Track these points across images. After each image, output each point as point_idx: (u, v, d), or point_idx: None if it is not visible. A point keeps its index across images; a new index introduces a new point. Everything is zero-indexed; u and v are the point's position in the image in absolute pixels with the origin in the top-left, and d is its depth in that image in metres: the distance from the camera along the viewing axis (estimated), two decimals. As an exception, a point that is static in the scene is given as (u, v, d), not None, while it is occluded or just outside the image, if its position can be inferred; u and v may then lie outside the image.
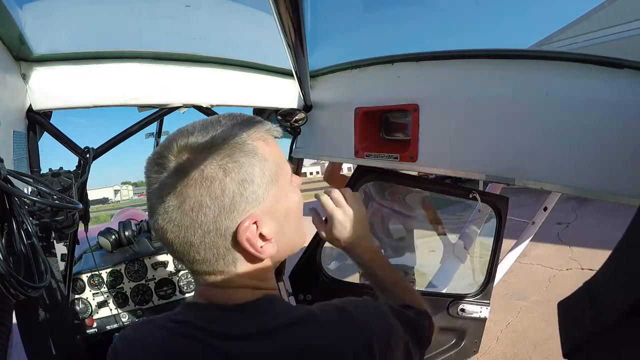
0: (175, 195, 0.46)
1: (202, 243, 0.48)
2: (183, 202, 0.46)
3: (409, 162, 1.16)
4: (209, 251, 0.49)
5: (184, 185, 0.46)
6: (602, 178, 0.76)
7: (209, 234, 0.47)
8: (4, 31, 0.83)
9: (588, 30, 0.90)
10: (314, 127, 1.51)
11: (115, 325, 1.48)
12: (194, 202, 0.46)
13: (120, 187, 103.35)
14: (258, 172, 0.49)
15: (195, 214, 0.46)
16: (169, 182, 0.47)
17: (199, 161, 0.46)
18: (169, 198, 0.47)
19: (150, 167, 0.50)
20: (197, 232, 0.47)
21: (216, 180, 0.46)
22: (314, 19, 1.08)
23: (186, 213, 0.46)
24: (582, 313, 0.39)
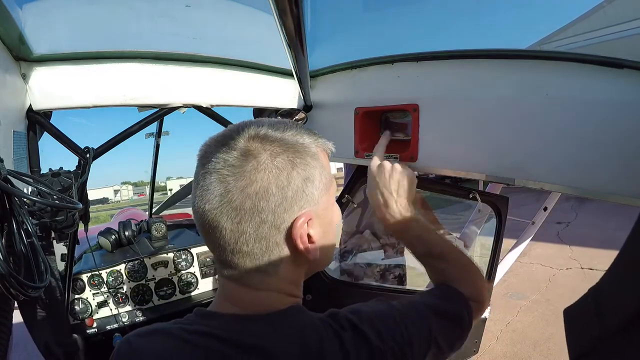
0: (243, 176, 0.46)
1: (255, 232, 0.47)
2: (249, 185, 0.46)
3: (409, 162, 1.16)
4: (258, 243, 0.48)
5: (254, 169, 0.46)
6: (602, 178, 0.76)
7: (265, 223, 0.47)
8: (4, 31, 0.83)
9: (588, 30, 0.90)
10: (314, 127, 1.51)
11: (115, 325, 1.48)
12: (259, 186, 0.46)
13: (120, 187, 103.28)
14: (318, 175, 0.51)
15: (258, 199, 0.46)
16: (237, 162, 0.46)
17: (271, 150, 0.48)
18: (233, 179, 0.46)
19: (214, 146, 0.50)
20: (254, 220, 0.47)
21: (284, 171, 0.47)
22: (314, 19, 1.08)
23: (249, 196, 0.46)
24: (587, 319, 0.39)
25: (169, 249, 1.66)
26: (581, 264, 4.96)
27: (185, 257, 1.69)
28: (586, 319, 0.39)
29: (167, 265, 1.65)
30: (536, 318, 3.79)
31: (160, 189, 68.15)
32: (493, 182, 1.94)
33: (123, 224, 1.70)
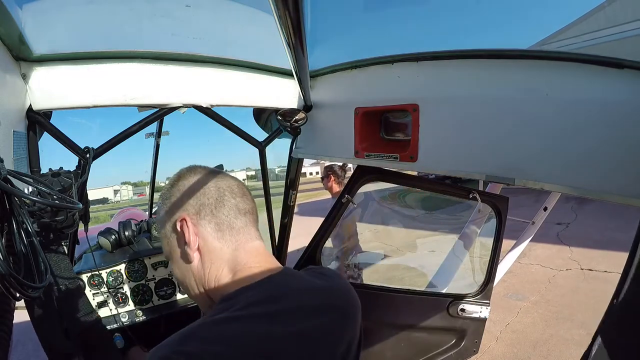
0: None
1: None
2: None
3: (409, 162, 1.16)
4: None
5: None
6: (602, 178, 0.76)
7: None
8: (4, 31, 0.83)
9: (588, 31, 0.89)
10: (314, 127, 1.51)
11: (115, 325, 1.48)
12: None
13: (120, 187, 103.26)
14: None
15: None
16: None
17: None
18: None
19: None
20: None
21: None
22: (314, 19, 1.08)
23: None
24: (629, 329, 0.37)
25: None
26: (581, 264, 4.96)
27: (185, 257, 1.69)
28: (626, 330, 0.37)
29: (167, 265, 1.65)
30: (536, 319, 3.79)
31: (160, 189, 67.94)
32: (493, 182, 1.94)
33: (123, 224, 1.70)
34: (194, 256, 0.69)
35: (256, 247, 0.72)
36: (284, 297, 0.62)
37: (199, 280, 0.70)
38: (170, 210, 0.72)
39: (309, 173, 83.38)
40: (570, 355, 3.04)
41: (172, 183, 0.76)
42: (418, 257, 6.04)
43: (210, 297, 0.70)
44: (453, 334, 1.91)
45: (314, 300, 0.65)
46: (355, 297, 0.73)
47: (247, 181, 42.29)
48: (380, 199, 9.35)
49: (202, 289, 0.70)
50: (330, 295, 0.68)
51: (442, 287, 2.29)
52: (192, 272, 0.70)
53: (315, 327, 0.61)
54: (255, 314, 0.57)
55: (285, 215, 1.83)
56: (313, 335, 0.60)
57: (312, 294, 0.66)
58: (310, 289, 0.67)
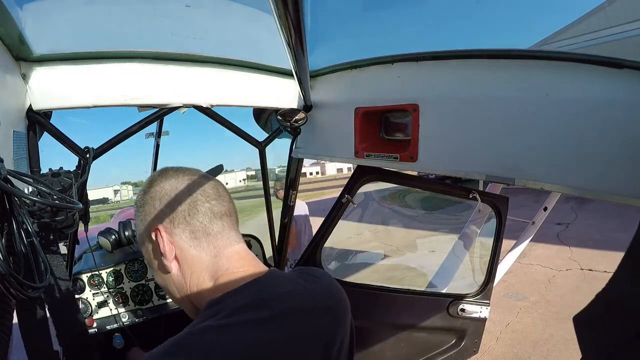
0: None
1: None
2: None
3: (409, 162, 1.16)
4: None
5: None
6: (602, 178, 0.76)
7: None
8: (4, 31, 0.83)
9: (588, 31, 0.89)
10: (314, 127, 1.51)
11: (115, 325, 1.48)
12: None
13: (120, 187, 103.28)
14: None
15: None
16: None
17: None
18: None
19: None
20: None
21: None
22: (314, 19, 1.08)
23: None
24: (601, 326, 0.38)
25: None
26: (581, 265, 4.96)
27: (185, 257, 1.69)
28: (598, 326, 0.39)
29: None
30: (536, 319, 3.79)
31: (160, 189, 67.74)
32: (493, 182, 1.94)
33: (123, 224, 1.70)
34: (171, 266, 0.67)
35: (237, 250, 0.68)
36: (272, 300, 0.60)
37: (180, 289, 0.68)
38: (144, 219, 0.70)
39: (309, 173, 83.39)
40: (570, 355, 3.04)
41: (145, 190, 0.72)
42: (418, 257, 6.04)
43: (194, 305, 0.68)
44: (453, 334, 1.91)
45: (303, 302, 0.63)
46: (345, 297, 0.71)
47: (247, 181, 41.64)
48: (380, 199, 9.35)
49: (186, 296, 0.68)
50: (320, 296, 0.67)
51: (442, 287, 2.29)
52: (173, 281, 0.68)
53: (306, 329, 0.59)
54: (243, 321, 0.55)
55: (285, 215, 1.83)
56: (304, 338, 0.58)
57: (301, 295, 0.64)
58: (298, 290, 0.65)
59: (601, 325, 0.39)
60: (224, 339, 0.52)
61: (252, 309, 0.57)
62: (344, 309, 0.70)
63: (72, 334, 1.09)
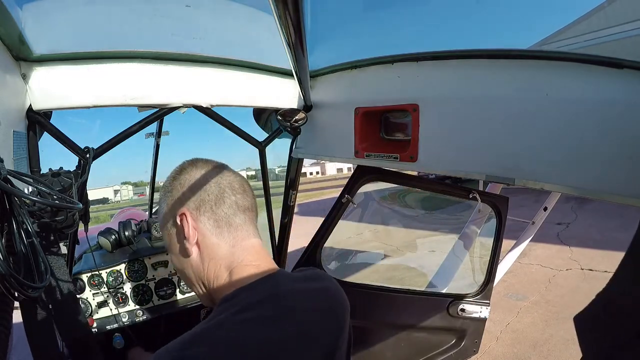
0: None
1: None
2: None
3: (409, 162, 1.16)
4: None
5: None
6: (602, 178, 0.76)
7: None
8: (4, 31, 0.83)
9: (588, 31, 0.89)
10: (314, 127, 1.51)
11: (115, 325, 1.48)
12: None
13: (120, 187, 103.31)
14: None
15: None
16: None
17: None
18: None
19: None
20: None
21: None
22: (314, 19, 1.08)
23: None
24: (601, 325, 0.38)
25: None
26: (581, 264, 4.96)
27: (185, 257, 1.69)
28: (599, 326, 0.39)
29: (167, 265, 1.65)
30: (536, 319, 3.79)
31: (160, 189, 67.97)
32: (493, 182, 1.94)
33: (123, 224, 1.70)
34: (192, 250, 0.70)
35: (253, 244, 0.72)
36: (282, 298, 0.63)
37: (197, 275, 0.71)
38: (171, 204, 0.73)
39: (309, 173, 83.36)
40: (570, 356, 3.04)
41: (174, 176, 0.75)
42: (418, 257, 6.04)
43: (207, 290, 0.72)
44: (453, 334, 1.91)
45: (310, 302, 0.66)
46: (346, 299, 0.74)
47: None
48: (380, 199, 9.35)
49: (202, 283, 0.72)
50: (324, 296, 0.70)
51: (442, 287, 2.29)
52: (191, 265, 0.71)
53: (312, 328, 0.62)
54: (254, 318, 0.57)
55: (285, 215, 1.83)
56: (310, 337, 0.61)
57: (308, 295, 0.67)
58: (305, 290, 0.68)
59: (601, 325, 0.39)
60: (234, 335, 0.55)
61: (263, 306, 0.59)
62: (344, 311, 0.72)
63: (74, 334, 1.09)
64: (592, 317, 0.41)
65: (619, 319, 0.37)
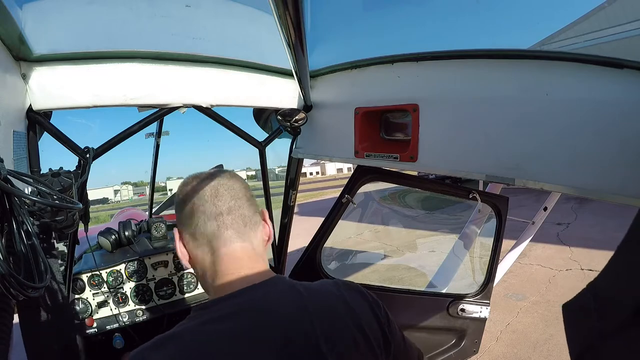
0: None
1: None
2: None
3: (409, 162, 1.16)
4: None
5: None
6: (602, 178, 0.76)
7: None
8: (4, 31, 0.84)
9: (588, 31, 0.89)
10: (314, 127, 1.51)
11: (115, 325, 1.48)
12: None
13: (120, 187, 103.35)
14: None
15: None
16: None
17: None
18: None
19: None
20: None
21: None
22: (314, 19, 1.08)
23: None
24: (588, 315, 0.39)
25: (169, 249, 1.66)
26: (581, 265, 4.96)
27: (185, 257, 1.70)
28: (586, 315, 0.39)
29: (167, 265, 1.65)
30: (536, 319, 3.79)
31: (160, 189, 68.25)
32: (493, 182, 1.94)
33: (123, 224, 1.70)
34: (187, 264, 0.73)
35: (232, 251, 0.68)
36: (253, 312, 0.61)
37: (201, 283, 0.75)
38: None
39: (309, 173, 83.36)
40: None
41: (176, 194, 0.78)
42: (418, 257, 6.04)
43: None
44: (453, 334, 1.91)
45: (287, 316, 0.62)
46: (353, 306, 0.68)
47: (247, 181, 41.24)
48: (380, 199, 9.35)
49: (204, 288, 0.74)
50: (311, 309, 0.64)
51: (442, 287, 2.29)
52: (196, 275, 0.77)
53: (282, 343, 0.59)
54: (210, 331, 0.59)
55: (285, 215, 1.83)
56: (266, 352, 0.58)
57: (285, 308, 0.63)
58: (284, 301, 0.64)
59: (587, 314, 0.39)
60: (190, 343, 0.58)
61: (222, 321, 0.60)
62: (337, 318, 0.66)
63: (68, 336, 1.09)
64: (579, 306, 0.41)
65: (605, 310, 0.37)
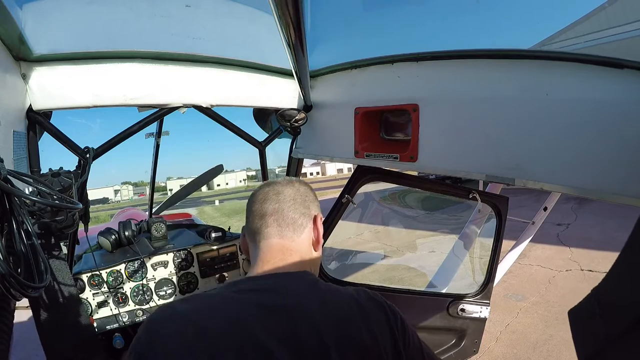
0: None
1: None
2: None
3: (409, 162, 1.16)
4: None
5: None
6: (602, 178, 0.76)
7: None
8: (4, 31, 0.84)
9: (589, 31, 0.90)
10: (314, 127, 1.51)
11: (115, 325, 1.47)
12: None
13: (120, 187, 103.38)
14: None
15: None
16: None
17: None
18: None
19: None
20: None
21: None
22: (314, 19, 1.09)
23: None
24: (594, 320, 0.39)
25: (169, 249, 1.66)
26: (581, 265, 4.96)
27: (185, 257, 1.69)
28: (592, 321, 0.39)
29: (167, 265, 1.65)
30: (536, 319, 3.79)
31: (161, 189, 68.31)
32: (493, 182, 1.94)
33: (123, 224, 1.70)
34: (246, 255, 0.87)
35: (269, 244, 0.79)
36: (263, 293, 0.69)
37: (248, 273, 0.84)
38: None
39: (309, 173, 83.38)
40: (570, 356, 3.03)
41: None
42: (418, 257, 6.04)
43: None
44: (453, 334, 1.91)
45: (299, 306, 0.68)
46: (362, 314, 0.71)
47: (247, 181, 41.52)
48: (380, 199, 9.36)
49: None
50: (318, 306, 0.69)
51: (442, 287, 2.29)
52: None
53: (287, 329, 0.64)
54: (239, 299, 0.68)
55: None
56: (277, 338, 0.63)
57: (298, 299, 0.69)
58: (301, 294, 0.70)
59: (594, 319, 0.39)
60: (215, 301, 0.68)
61: (245, 292, 0.70)
62: (344, 325, 0.68)
63: (80, 334, 1.10)
64: (585, 312, 0.42)
65: (611, 315, 0.37)
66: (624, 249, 0.37)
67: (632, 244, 0.37)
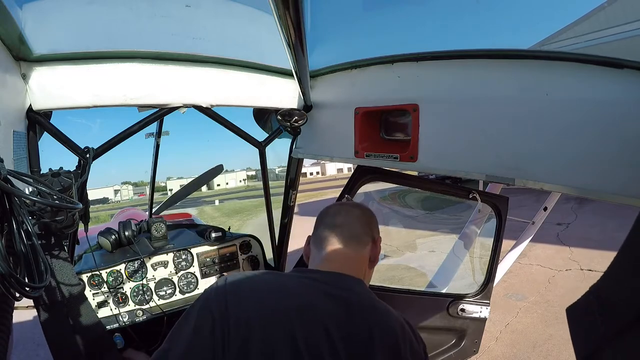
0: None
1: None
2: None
3: (409, 162, 1.16)
4: None
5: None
6: (602, 178, 0.76)
7: None
8: (4, 31, 0.83)
9: (588, 31, 0.90)
10: (314, 127, 1.51)
11: (115, 325, 1.48)
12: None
13: (120, 187, 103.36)
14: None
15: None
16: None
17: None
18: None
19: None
20: None
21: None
22: (314, 19, 1.08)
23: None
24: (592, 318, 0.39)
25: (169, 249, 1.66)
26: (581, 265, 4.96)
27: (185, 257, 1.70)
28: (590, 318, 0.39)
29: (167, 265, 1.65)
30: (535, 319, 3.79)
31: (161, 189, 68.23)
32: (493, 182, 1.94)
33: (123, 224, 1.70)
34: (306, 260, 0.96)
35: (332, 250, 0.89)
36: (317, 283, 0.81)
37: None
38: None
39: (309, 173, 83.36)
40: (570, 356, 3.03)
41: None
42: (418, 257, 6.05)
43: None
44: (453, 333, 1.91)
45: (310, 301, 0.77)
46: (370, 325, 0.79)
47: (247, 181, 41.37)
48: (380, 199, 9.36)
49: None
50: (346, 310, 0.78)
51: (442, 287, 2.29)
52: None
53: (319, 318, 0.74)
54: (280, 279, 0.82)
55: (285, 215, 1.83)
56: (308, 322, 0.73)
57: (333, 300, 0.78)
58: (338, 297, 0.79)
59: (592, 317, 0.39)
60: (261, 277, 0.82)
61: (293, 279, 0.82)
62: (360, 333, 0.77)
63: (89, 333, 1.10)
64: (583, 309, 0.42)
65: (609, 312, 0.37)
66: (623, 247, 0.37)
67: (631, 242, 0.37)
